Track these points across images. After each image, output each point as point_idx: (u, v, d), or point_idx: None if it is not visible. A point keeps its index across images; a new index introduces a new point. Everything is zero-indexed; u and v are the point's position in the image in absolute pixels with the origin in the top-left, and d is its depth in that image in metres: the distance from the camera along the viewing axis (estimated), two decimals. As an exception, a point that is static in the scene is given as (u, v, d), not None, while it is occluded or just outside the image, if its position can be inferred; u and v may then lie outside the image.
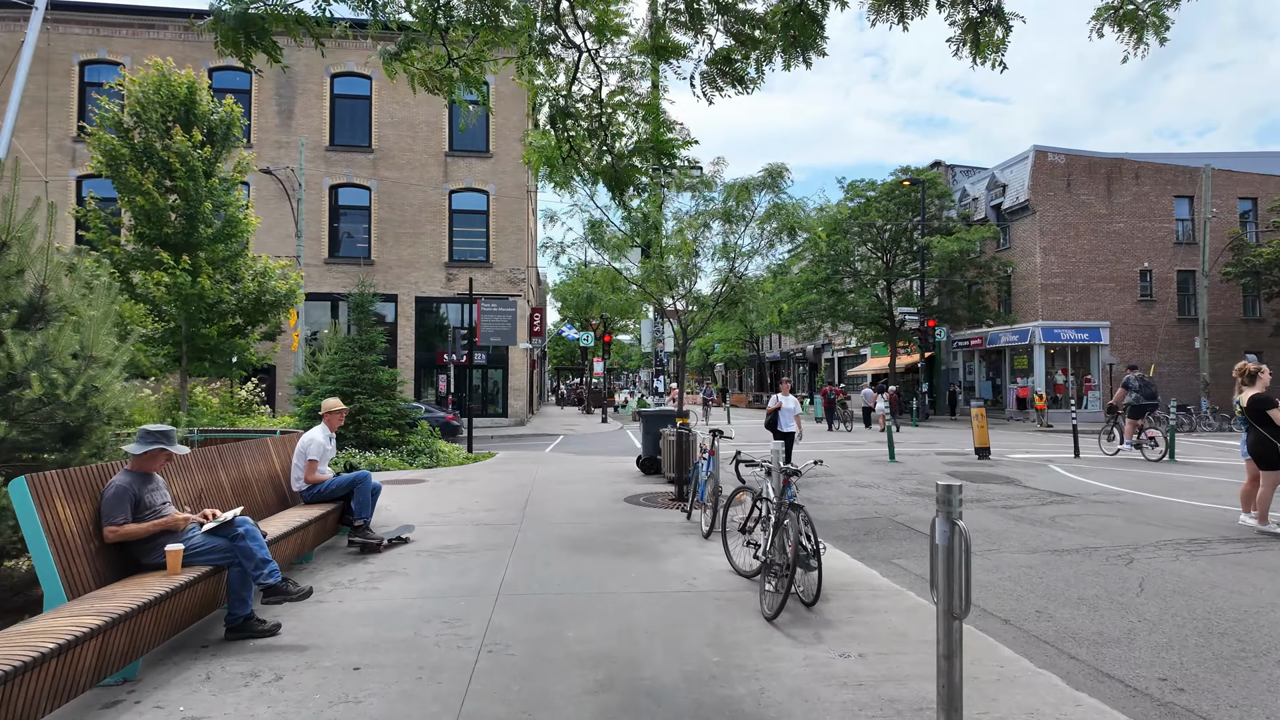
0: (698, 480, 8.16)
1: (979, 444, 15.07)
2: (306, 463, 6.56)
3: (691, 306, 9.61)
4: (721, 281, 9.40)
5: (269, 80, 27.91)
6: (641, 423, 12.57)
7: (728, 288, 9.42)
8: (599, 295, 9.23)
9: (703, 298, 9.41)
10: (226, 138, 15.09)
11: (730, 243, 9.13)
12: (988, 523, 8.60)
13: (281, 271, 15.47)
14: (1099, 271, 31.61)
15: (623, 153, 5.31)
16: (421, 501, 9.60)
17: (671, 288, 9.38)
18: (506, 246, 28.89)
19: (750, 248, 9.38)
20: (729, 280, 9.37)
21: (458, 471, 13.05)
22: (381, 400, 14.32)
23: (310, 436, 6.66)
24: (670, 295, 9.46)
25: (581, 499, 9.87)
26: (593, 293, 9.21)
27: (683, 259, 8.97)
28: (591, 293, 9.21)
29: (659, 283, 9.30)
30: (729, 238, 9.16)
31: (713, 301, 9.44)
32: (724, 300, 9.51)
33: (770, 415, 11.28)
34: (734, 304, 9.72)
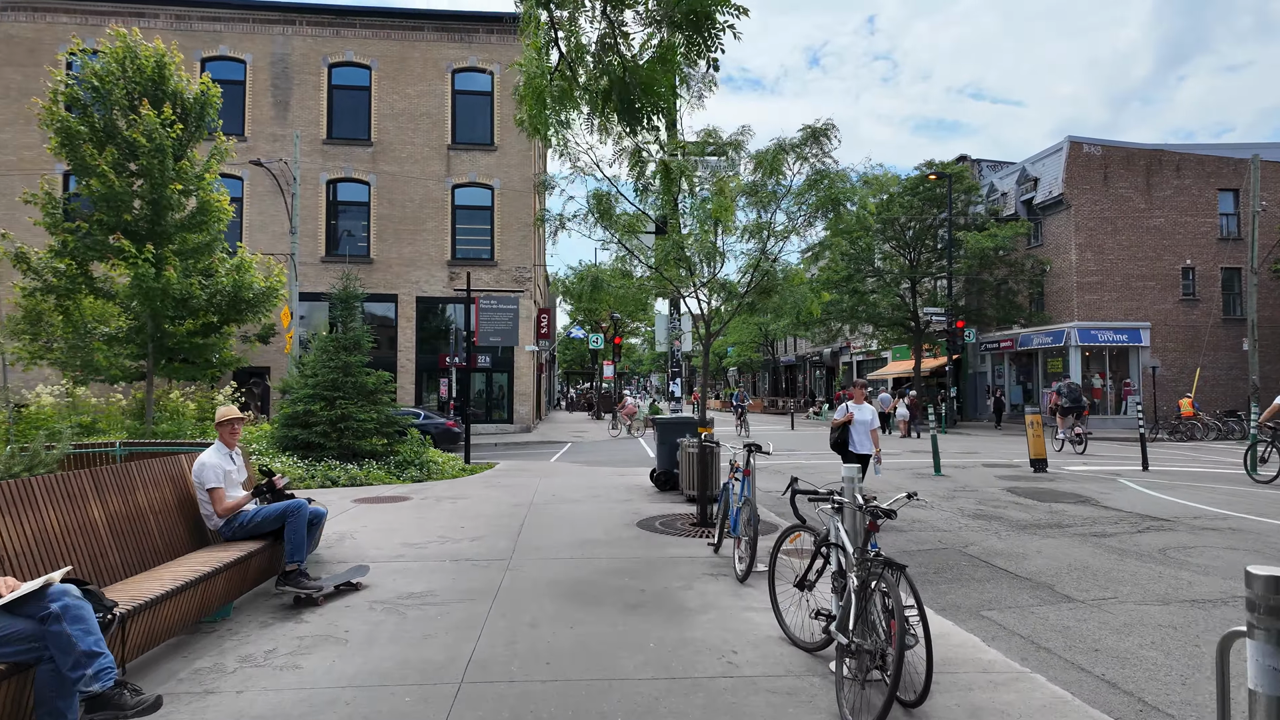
0: (728, 506, 6.63)
1: (1034, 455, 13.43)
2: (209, 493, 5.06)
3: (715, 299, 8.08)
4: (751, 266, 7.85)
5: (264, 70, 26.70)
6: (656, 432, 11.07)
7: (759, 274, 7.88)
8: (606, 281, 7.71)
9: (730, 284, 7.85)
10: (202, 118, 13.74)
11: (763, 220, 7.58)
12: (1082, 557, 7.01)
13: (262, 266, 14.05)
14: (1138, 269, 29.82)
15: (634, 64, 3.80)
16: (397, 526, 8.12)
17: (692, 273, 7.85)
18: (512, 244, 27.50)
19: (786, 226, 7.84)
20: (760, 265, 7.83)
21: (449, 486, 11.57)
22: (366, 406, 12.87)
23: (201, 461, 5.16)
24: (691, 283, 7.93)
25: (587, 522, 8.35)
26: (599, 277, 7.68)
27: (708, 235, 7.41)
28: (598, 277, 7.68)
29: (676, 266, 7.77)
30: (761, 213, 7.62)
31: (741, 290, 7.89)
32: (754, 289, 7.98)
33: (838, 431, 8.94)
34: (766, 294, 8.19)
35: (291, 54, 26.85)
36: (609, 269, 7.92)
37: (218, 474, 5.09)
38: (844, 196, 7.69)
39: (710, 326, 8.20)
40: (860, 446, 8.83)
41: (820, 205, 7.74)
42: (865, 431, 8.82)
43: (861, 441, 8.82)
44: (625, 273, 8.00)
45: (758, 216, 7.55)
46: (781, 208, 7.65)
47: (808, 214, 7.83)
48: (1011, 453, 17.66)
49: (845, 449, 8.88)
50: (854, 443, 8.84)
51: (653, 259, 7.69)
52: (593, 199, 7.49)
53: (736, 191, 7.65)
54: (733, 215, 7.10)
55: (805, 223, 7.85)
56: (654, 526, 8.16)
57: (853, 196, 7.71)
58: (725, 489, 6.79)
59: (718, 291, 7.81)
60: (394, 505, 9.59)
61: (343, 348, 13.27)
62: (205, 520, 5.11)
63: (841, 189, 7.64)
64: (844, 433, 8.86)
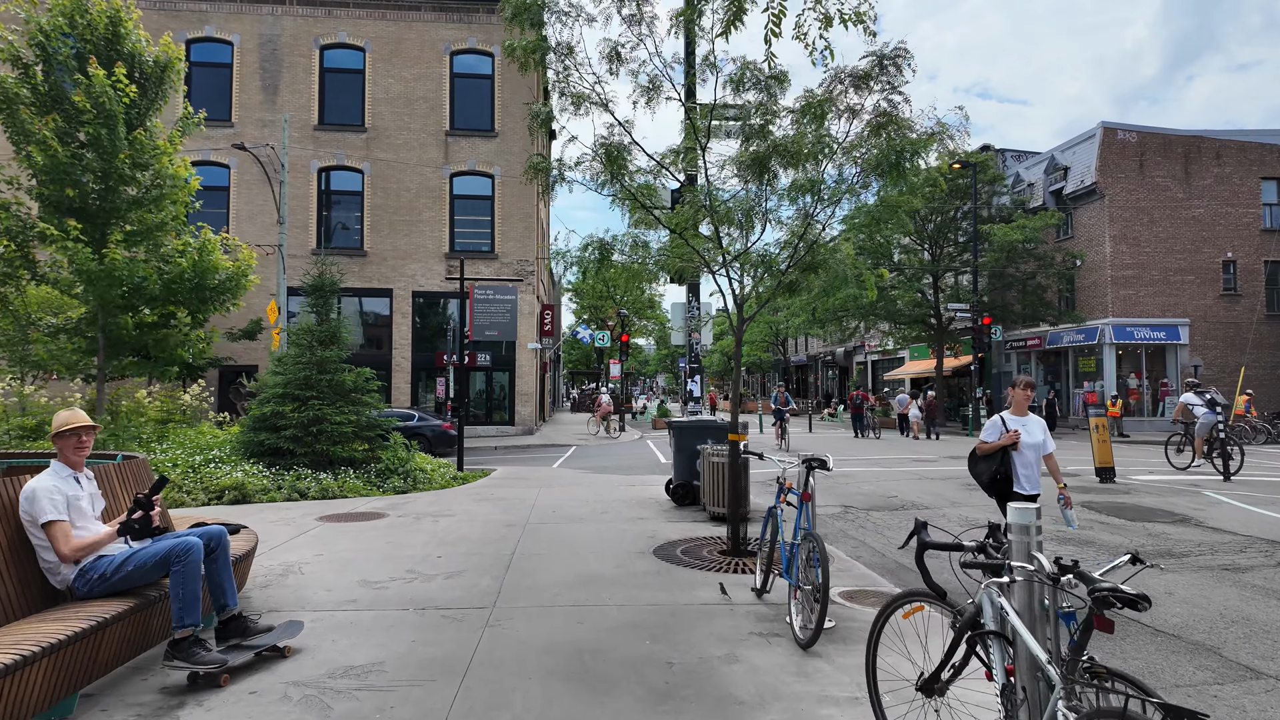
0: (774, 537, 5.11)
1: (1100, 463, 11.85)
2: (45, 530, 3.53)
3: (749, 276, 6.56)
4: (796, 236, 6.31)
5: (252, 52, 25.29)
6: (673, 438, 9.55)
7: (804, 245, 6.35)
8: (617, 249, 6.19)
9: (770, 257, 6.31)
10: (162, 82, 12.28)
11: (812, 177, 6.04)
12: (1231, 602, 5.46)
13: (227, 247, 12.58)
14: (1176, 262, 28.15)
15: None
16: (360, 554, 6.61)
17: (721, 243, 6.32)
18: (514, 235, 26.01)
19: (836, 186, 6.30)
20: (804, 235, 6.30)
21: (434, 499, 10.06)
22: (344, 407, 11.38)
23: (31, 487, 3.60)
24: (719, 255, 6.40)
25: (593, 549, 6.83)
26: (608, 245, 6.16)
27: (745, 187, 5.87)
28: (606, 244, 6.16)
29: (702, 235, 6.24)
30: (805, 168, 6.06)
31: (783, 264, 6.36)
32: (797, 265, 6.44)
33: (991, 461, 5.49)
34: (810, 270, 6.66)
35: (281, 35, 25.43)
36: (619, 236, 6.40)
37: (56, 504, 3.57)
38: (913, 150, 6.16)
39: (743, 311, 6.67)
40: (1029, 484, 5.39)
41: (880, 161, 6.22)
42: (1036, 459, 5.47)
43: (1030, 476, 5.41)
44: (641, 243, 6.48)
45: (801, 171, 6.00)
46: (835, 161, 6.11)
47: (863, 171, 6.30)
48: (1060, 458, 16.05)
49: (1003, 486, 5.45)
50: (1019, 478, 5.38)
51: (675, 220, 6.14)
52: (600, 148, 5.96)
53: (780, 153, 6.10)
54: (813, 150, 5.55)
55: (861, 182, 6.31)
56: (675, 555, 6.63)
57: (924, 150, 6.17)
58: (769, 516, 5.27)
59: (754, 268, 6.26)
60: (364, 525, 8.09)
61: (318, 341, 11.80)
62: (47, 573, 3.59)
63: (911, 140, 6.11)
64: (1002, 462, 5.41)
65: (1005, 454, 5.40)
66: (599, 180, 5.89)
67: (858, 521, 8.79)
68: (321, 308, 11.98)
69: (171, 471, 9.98)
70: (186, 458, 10.57)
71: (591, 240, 6.16)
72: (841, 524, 8.71)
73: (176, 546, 3.68)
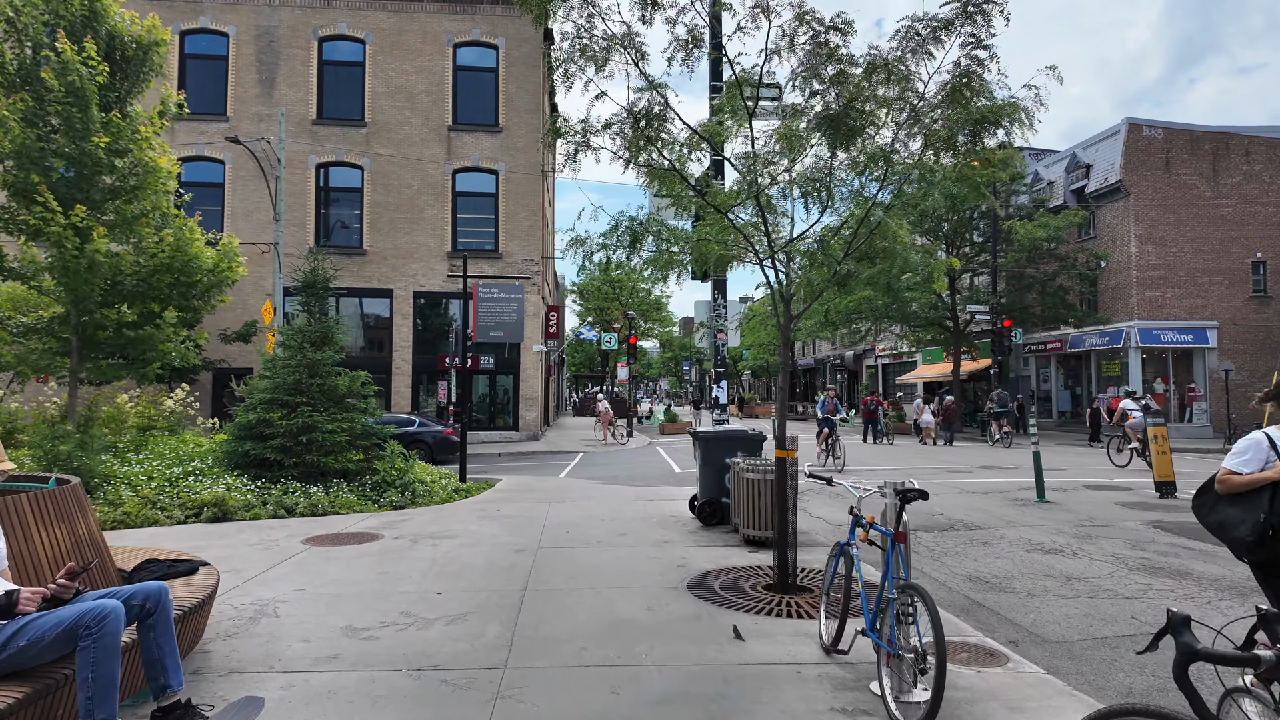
0: (849, 580, 4.18)
1: (1160, 476, 10.89)
2: None
3: (796, 265, 5.65)
4: (856, 220, 5.39)
5: (249, 44, 24.45)
6: (699, 450, 8.61)
7: (865, 230, 5.43)
8: (651, 231, 5.26)
9: (829, 244, 5.38)
10: (144, 63, 11.40)
11: (880, 145, 5.11)
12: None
13: (211, 240, 11.68)
14: (1203, 263, 27.19)
15: None
16: (348, 589, 5.69)
17: (766, 228, 5.40)
18: (518, 234, 25.11)
19: (908, 159, 5.38)
20: (865, 217, 5.38)
21: (434, 516, 9.14)
22: (337, 414, 10.47)
23: None
24: (763, 243, 5.48)
25: (617, 583, 5.91)
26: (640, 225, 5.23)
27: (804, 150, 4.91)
28: (639, 225, 5.23)
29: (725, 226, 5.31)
30: (883, 133, 5.14)
31: (842, 251, 5.43)
32: (853, 254, 5.52)
33: (1248, 499, 3.45)
34: (866, 259, 5.74)
35: (278, 26, 24.58)
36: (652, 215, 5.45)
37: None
38: (995, 118, 5.25)
39: (790, 305, 5.74)
40: None
41: (955, 130, 5.31)
42: None
43: None
44: (673, 229, 5.54)
45: (873, 136, 5.07)
46: (917, 125, 5.18)
47: (939, 140, 5.38)
48: (1094, 468, 15.12)
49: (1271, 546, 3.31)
50: None
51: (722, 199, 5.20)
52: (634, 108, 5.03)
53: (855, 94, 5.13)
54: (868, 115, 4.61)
55: (935, 149, 5.39)
56: (713, 591, 5.70)
57: (1010, 119, 5.26)
58: (840, 554, 4.34)
59: (806, 256, 5.33)
60: (355, 550, 7.16)
61: (309, 342, 10.89)
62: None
63: (994, 107, 5.21)
64: (1273, 507, 3.32)
65: (1272, 494, 3.34)
66: (633, 144, 4.95)
67: (908, 545, 7.84)
68: (313, 306, 11.08)
69: (146, 485, 9.07)
70: (164, 470, 9.67)
71: (621, 220, 5.22)
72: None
73: (87, 614, 2.75)
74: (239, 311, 23.39)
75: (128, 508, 8.38)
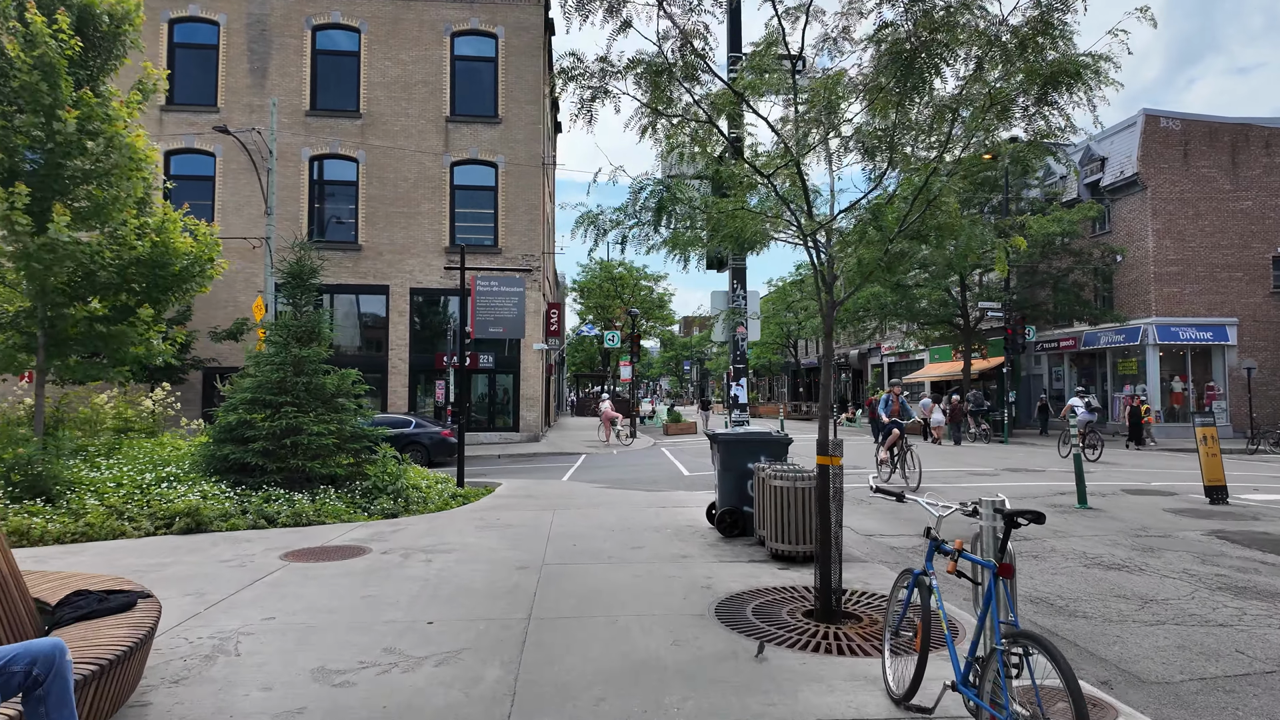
0: (926, 618, 3.40)
1: (1210, 480, 10.15)
2: None
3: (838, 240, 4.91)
4: (913, 189, 4.63)
5: (239, 33, 23.67)
6: (718, 454, 7.85)
7: (923, 201, 4.67)
8: (682, 198, 4.50)
9: (884, 216, 4.62)
10: (118, 37, 10.63)
11: (949, 94, 4.35)
12: None
13: (190, 228, 10.92)
14: (1223, 258, 26.44)
15: None
16: (325, 617, 4.94)
17: (804, 196, 4.66)
18: (518, 229, 24.36)
19: (973, 118, 4.63)
20: (928, 187, 4.63)
21: (428, 526, 8.38)
22: (325, 414, 9.72)
23: None
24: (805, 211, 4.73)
25: (634, 609, 5.16)
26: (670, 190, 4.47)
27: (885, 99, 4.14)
28: (669, 191, 4.47)
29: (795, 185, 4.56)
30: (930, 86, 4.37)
31: (896, 226, 4.67)
32: (906, 231, 4.76)
33: None
34: (918, 238, 4.99)
35: (270, 14, 23.81)
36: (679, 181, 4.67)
37: None
38: (1077, 72, 4.52)
39: (834, 290, 4.98)
40: None
41: (1031, 82, 4.56)
42: None
43: None
44: (704, 197, 4.77)
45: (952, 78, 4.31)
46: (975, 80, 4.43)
47: (1004, 99, 4.63)
48: (1126, 471, 14.38)
49: None
50: None
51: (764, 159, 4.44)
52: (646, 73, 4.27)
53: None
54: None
55: (999, 107, 4.65)
56: (746, 619, 4.95)
57: (1089, 74, 4.52)
58: (914, 585, 3.57)
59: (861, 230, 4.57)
60: (338, 567, 6.41)
61: (295, 337, 10.14)
62: None
63: (1074, 59, 4.47)
64: None
65: None
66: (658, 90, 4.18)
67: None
68: (300, 299, 10.33)
69: (114, 493, 8.31)
70: (136, 476, 8.91)
71: (644, 185, 4.45)
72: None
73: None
74: (230, 309, 22.65)
75: (91, 518, 7.62)
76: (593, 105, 4.28)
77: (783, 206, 4.61)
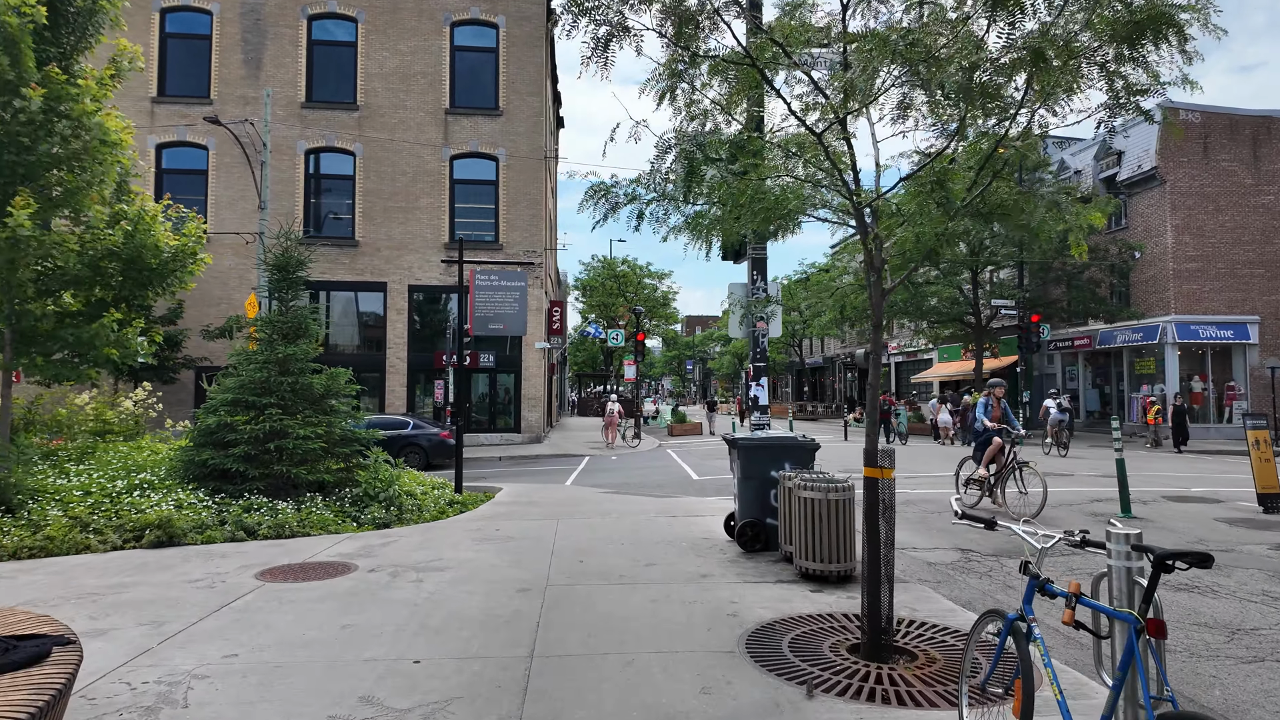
0: (1010, 669, 2.71)
1: (1263, 487, 9.45)
2: None
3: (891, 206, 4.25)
4: (983, 155, 3.96)
5: (233, 23, 23.02)
6: (738, 461, 7.17)
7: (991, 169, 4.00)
8: (717, 156, 3.82)
9: (945, 169, 3.93)
10: (94, 13, 9.96)
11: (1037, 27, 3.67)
12: None
13: (170, 218, 10.25)
14: (1244, 255, 25.72)
15: None
16: (296, 655, 4.27)
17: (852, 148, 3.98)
18: (520, 224, 23.69)
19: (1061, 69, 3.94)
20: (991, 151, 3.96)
21: (422, 539, 7.71)
22: (313, 416, 9.06)
23: None
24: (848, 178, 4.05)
25: (653, 644, 4.49)
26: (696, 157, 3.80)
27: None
28: (699, 151, 3.80)
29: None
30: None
31: (961, 198, 3.99)
32: (969, 207, 4.09)
33: None
34: (982, 217, 4.33)
35: (265, 3, 23.15)
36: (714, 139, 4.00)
37: None
38: (1172, 18, 3.86)
39: (884, 270, 4.31)
40: None
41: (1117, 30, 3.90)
42: None
43: None
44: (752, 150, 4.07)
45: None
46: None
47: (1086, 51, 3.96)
48: (1155, 474, 13.69)
49: None
50: None
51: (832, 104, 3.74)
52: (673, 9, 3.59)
53: None
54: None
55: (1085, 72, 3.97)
56: (783, 657, 4.28)
57: (1192, 14, 3.86)
58: (1003, 634, 2.88)
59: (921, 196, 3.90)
60: (319, 588, 5.73)
61: (280, 334, 9.48)
62: None
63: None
64: None
65: None
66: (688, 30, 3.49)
67: (1002, 581, 6.42)
68: (285, 294, 9.67)
69: (80, 502, 7.65)
70: (106, 483, 8.24)
71: (670, 142, 3.77)
72: (972, 580, 6.35)
73: None
74: (224, 306, 22.00)
75: (52, 530, 6.96)
76: (609, 46, 3.60)
77: (826, 174, 3.93)
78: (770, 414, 28.94)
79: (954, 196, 3.93)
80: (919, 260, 4.21)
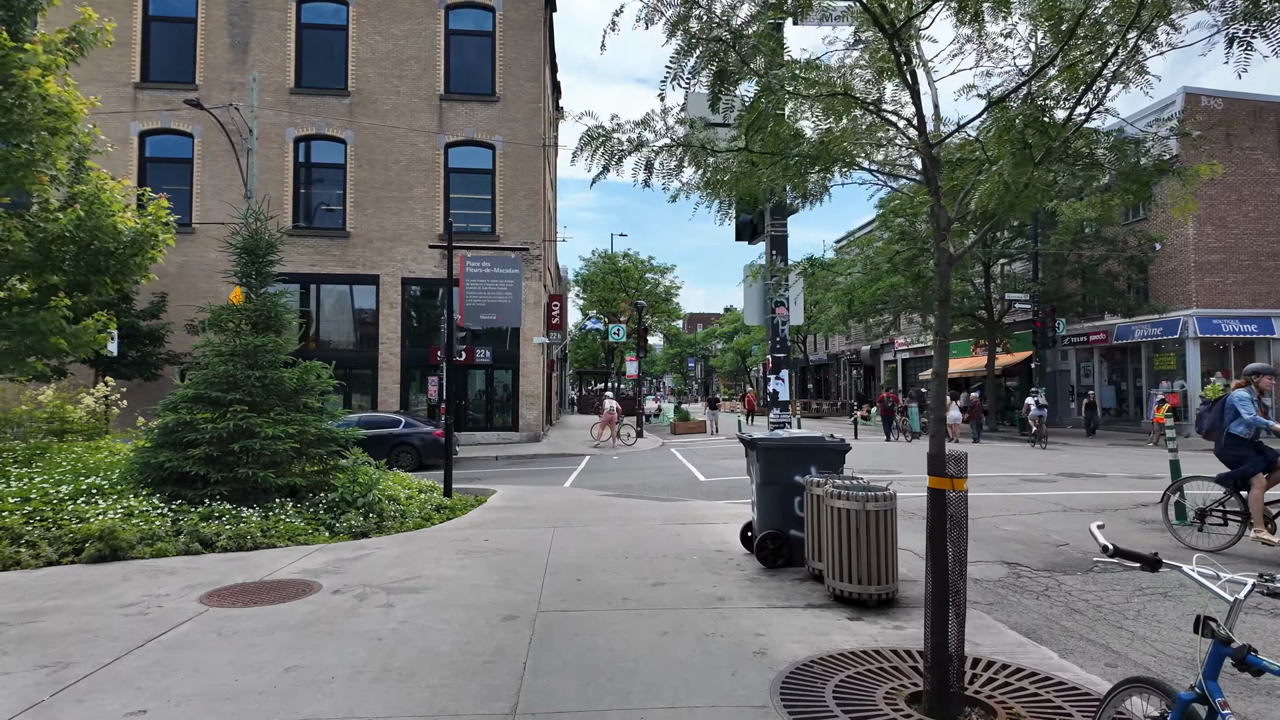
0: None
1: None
2: None
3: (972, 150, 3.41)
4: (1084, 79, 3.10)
5: (219, 5, 22.13)
6: (758, 464, 6.30)
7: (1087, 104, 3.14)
8: (760, 49, 2.98)
9: (1042, 96, 3.07)
10: (45, -17, 9.10)
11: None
12: None
13: (131, 199, 9.39)
14: (1268, 246, 24.83)
15: None
16: (220, 713, 3.41)
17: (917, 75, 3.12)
18: (517, 215, 22.82)
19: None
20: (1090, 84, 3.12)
21: (400, 551, 6.85)
22: (284, 414, 8.20)
23: None
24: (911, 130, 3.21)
25: (666, 700, 3.63)
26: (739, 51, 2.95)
27: None
28: (713, 55, 2.95)
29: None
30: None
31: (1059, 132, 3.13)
32: (1056, 153, 3.23)
33: None
34: (1064, 161, 3.48)
35: (252, -15, 22.24)
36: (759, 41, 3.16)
37: None
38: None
39: (949, 231, 3.45)
40: None
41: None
42: None
43: None
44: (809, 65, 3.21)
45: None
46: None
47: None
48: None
49: None
50: None
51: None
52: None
53: None
54: None
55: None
56: (828, 711, 3.42)
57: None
58: (1175, 713, 2.03)
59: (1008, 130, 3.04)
60: (270, 614, 4.88)
61: (251, 324, 8.62)
62: None
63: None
64: None
65: None
66: None
67: (1054, 598, 5.56)
68: (253, 279, 8.80)
69: (16, 511, 6.80)
70: (50, 488, 7.39)
71: (695, 30, 2.91)
72: (1028, 601, 5.48)
73: None
74: (210, 299, 21.10)
75: (-25, 544, 6.11)
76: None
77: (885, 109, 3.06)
78: (793, 411, 26.30)
79: (1050, 132, 3.07)
80: (1009, 207, 3.34)
